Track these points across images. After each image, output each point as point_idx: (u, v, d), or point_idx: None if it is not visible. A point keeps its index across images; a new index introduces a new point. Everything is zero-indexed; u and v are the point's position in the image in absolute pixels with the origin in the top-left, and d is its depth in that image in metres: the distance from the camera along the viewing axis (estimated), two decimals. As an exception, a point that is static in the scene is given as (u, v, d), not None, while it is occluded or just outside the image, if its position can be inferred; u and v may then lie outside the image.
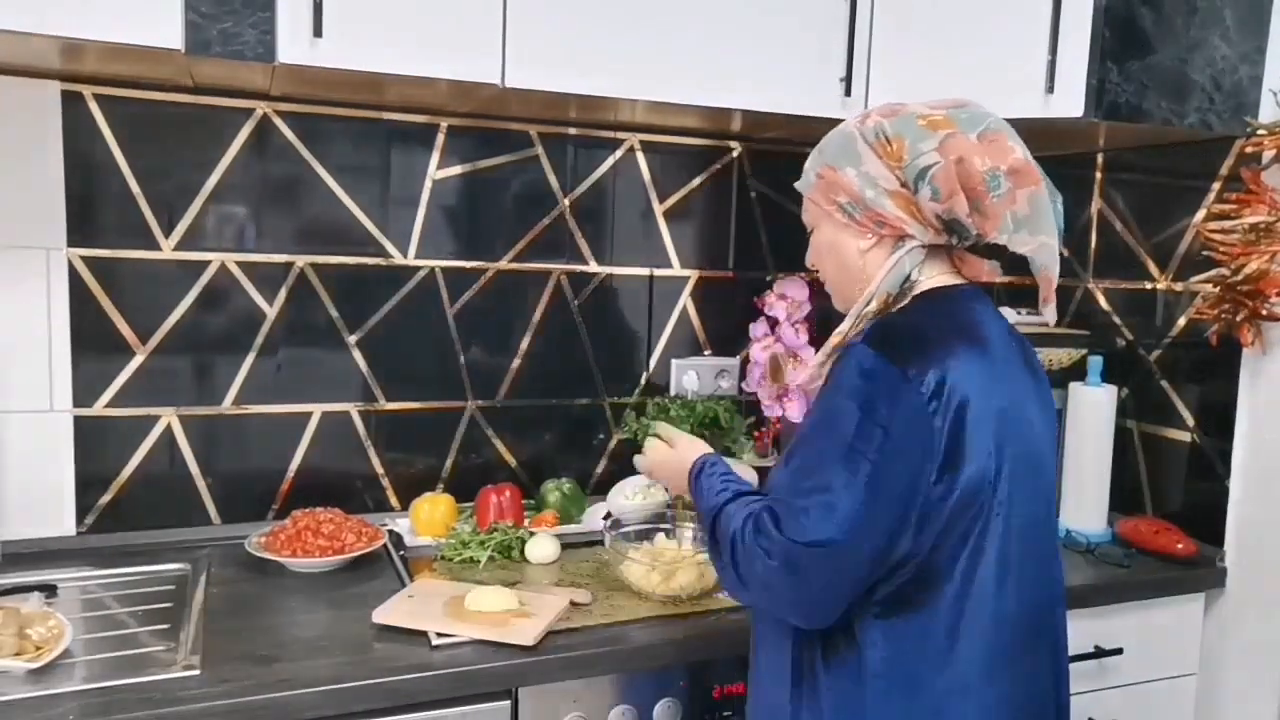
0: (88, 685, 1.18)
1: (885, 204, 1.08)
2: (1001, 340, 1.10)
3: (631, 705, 1.37)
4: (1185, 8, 1.70)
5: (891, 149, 1.07)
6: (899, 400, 0.99)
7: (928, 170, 1.05)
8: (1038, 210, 1.06)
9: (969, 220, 1.06)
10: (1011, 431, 1.04)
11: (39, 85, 1.61)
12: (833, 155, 1.13)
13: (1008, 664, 1.05)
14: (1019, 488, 1.04)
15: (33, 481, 1.66)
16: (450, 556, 1.64)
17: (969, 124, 1.07)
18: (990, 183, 1.04)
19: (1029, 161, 1.07)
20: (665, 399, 2.01)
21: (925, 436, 0.99)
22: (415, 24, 1.47)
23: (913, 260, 1.10)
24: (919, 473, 0.99)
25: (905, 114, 1.09)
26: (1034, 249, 1.06)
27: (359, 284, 1.86)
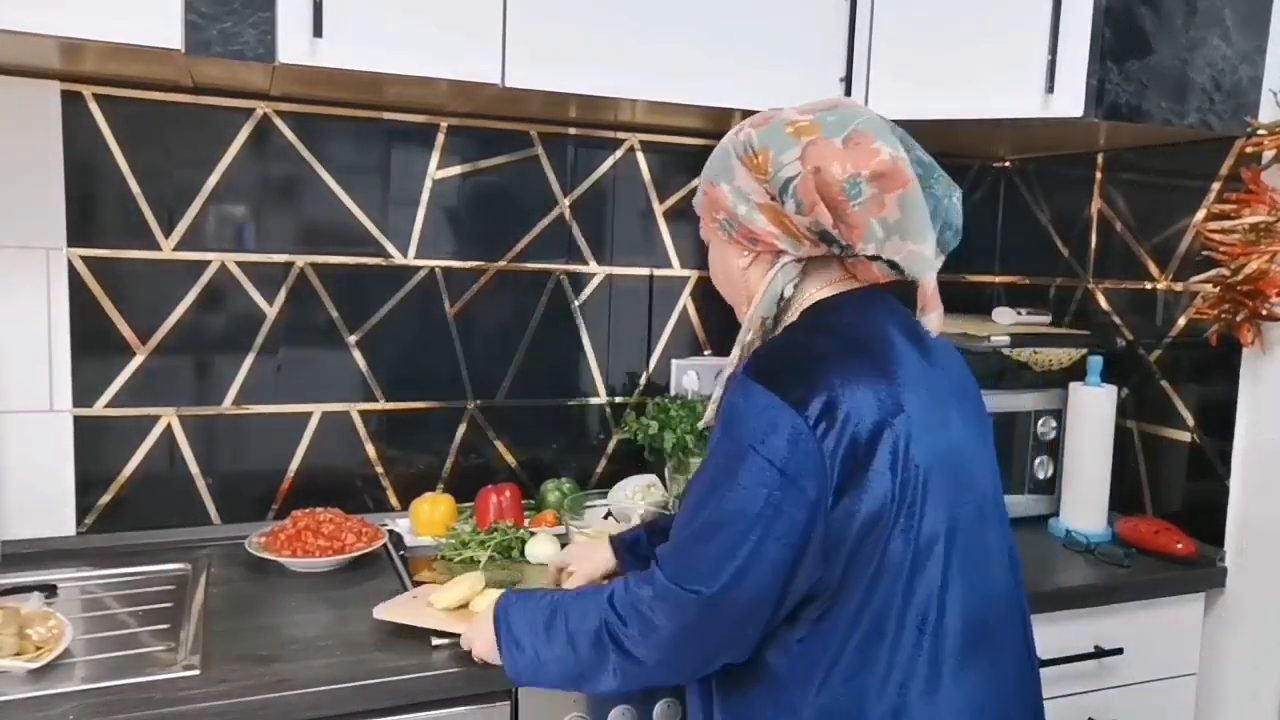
0: (88, 685, 1.17)
1: (756, 219, 1.05)
2: (905, 344, 1.05)
3: (631, 705, 1.37)
4: (1185, 8, 1.70)
5: (758, 161, 1.03)
6: (782, 432, 0.95)
7: (790, 181, 1.01)
8: (909, 213, 0.99)
9: (835, 230, 1.01)
10: (920, 442, 0.98)
11: (39, 85, 1.61)
12: (712, 171, 1.10)
13: (956, 670, 1.00)
14: (941, 498, 0.99)
15: (33, 481, 1.66)
16: (450, 556, 1.64)
17: (835, 128, 1.01)
18: (850, 190, 0.98)
19: (896, 162, 0.99)
20: (665, 399, 2.01)
21: (816, 466, 0.95)
22: (415, 24, 1.47)
23: (785, 276, 1.06)
24: (815, 505, 0.96)
25: (775, 122, 1.05)
26: (904, 257, 1.00)
27: (359, 284, 1.86)
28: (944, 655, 0.99)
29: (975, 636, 1.02)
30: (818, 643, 1.00)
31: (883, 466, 0.96)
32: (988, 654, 1.03)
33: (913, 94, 1.73)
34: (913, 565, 0.98)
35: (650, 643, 1.03)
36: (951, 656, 0.99)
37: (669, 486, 1.90)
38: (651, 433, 1.89)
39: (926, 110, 1.69)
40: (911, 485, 0.98)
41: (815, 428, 0.95)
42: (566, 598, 1.14)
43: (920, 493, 0.98)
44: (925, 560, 0.98)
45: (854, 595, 0.98)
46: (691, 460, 1.87)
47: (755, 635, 1.01)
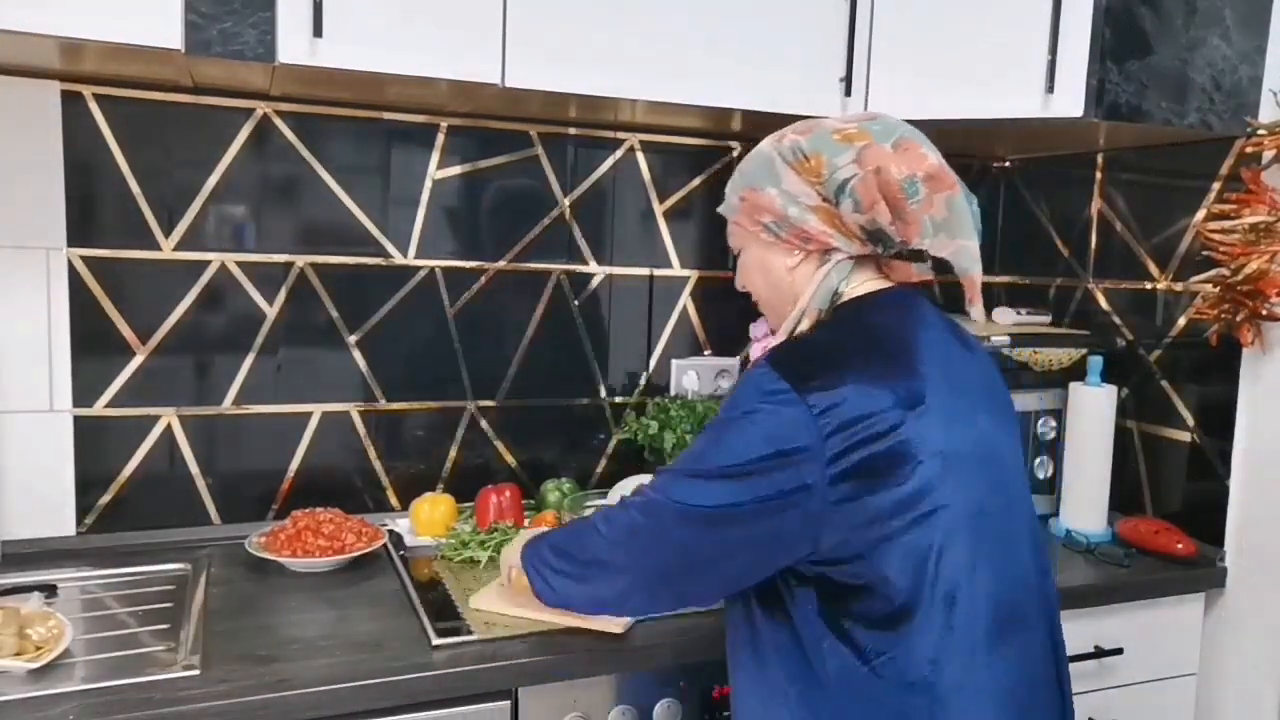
0: (88, 685, 1.17)
1: (809, 219, 1.11)
2: (933, 340, 1.10)
3: (631, 705, 1.37)
4: (1185, 8, 1.70)
5: (810, 165, 1.10)
6: (785, 415, 1.01)
7: (847, 182, 1.07)
8: (955, 214, 1.08)
9: (891, 228, 1.08)
10: (942, 435, 1.03)
11: (39, 85, 1.61)
12: (753, 176, 1.15)
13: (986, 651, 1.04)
14: (961, 487, 1.04)
15: (33, 481, 1.66)
16: (450, 556, 1.64)
17: (882, 135, 1.09)
18: (908, 189, 1.06)
19: (943, 167, 1.09)
20: (665, 399, 2.01)
21: (813, 448, 0.99)
22: (415, 24, 1.47)
23: (840, 273, 1.12)
24: (804, 484, 1.00)
25: (820, 130, 1.12)
26: (953, 252, 1.08)
27: (359, 284, 1.86)
28: (975, 637, 1.03)
29: (1004, 621, 1.06)
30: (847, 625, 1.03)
31: (899, 459, 1.00)
32: (1016, 639, 1.07)
33: (913, 94, 1.73)
34: (940, 550, 1.02)
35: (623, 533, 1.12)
36: (982, 638, 1.04)
37: (669, 486, 1.90)
38: (651, 433, 1.89)
39: (926, 110, 1.69)
40: (933, 474, 1.02)
41: (818, 416, 0.99)
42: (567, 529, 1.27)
43: (943, 481, 1.02)
44: (951, 546, 1.03)
45: (879, 578, 1.02)
46: (691, 460, 1.87)
47: (724, 580, 1.10)
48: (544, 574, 1.22)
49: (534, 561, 1.24)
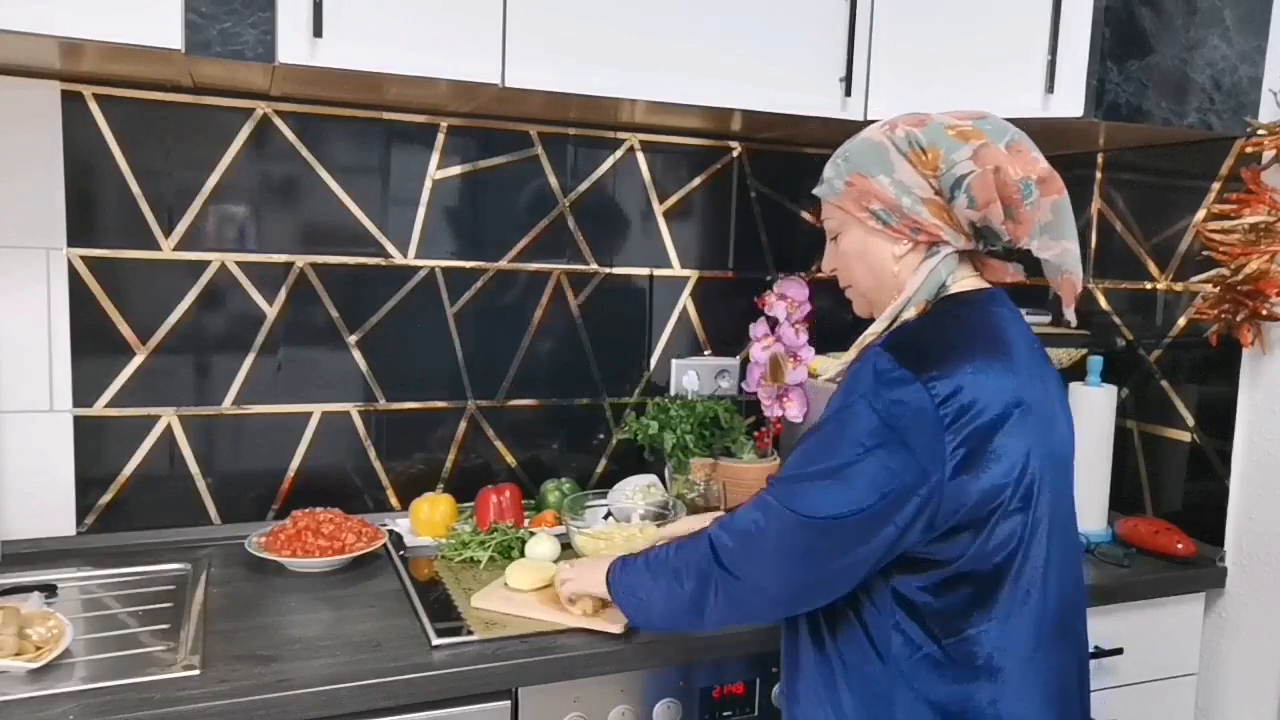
0: (88, 685, 1.18)
1: (921, 211, 1.11)
2: (1024, 343, 1.12)
3: (631, 705, 1.37)
4: (1185, 8, 1.70)
5: (926, 158, 1.10)
6: (908, 401, 1.01)
7: (964, 179, 1.08)
8: (1060, 217, 1.10)
9: (1002, 227, 1.09)
10: (1037, 434, 1.06)
11: (39, 85, 1.61)
12: (862, 163, 1.14)
13: (1046, 644, 1.08)
14: (1047, 487, 1.07)
15: (33, 481, 1.66)
16: (450, 556, 1.64)
17: (995, 135, 1.10)
18: (1024, 190, 1.07)
19: (1052, 171, 1.10)
20: (665, 399, 2.01)
21: (932, 437, 1.01)
22: (415, 24, 1.47)
23: (948, 267, 1.13)
24: (924, 471, 1.01)
25: (933, 124, 1.12)
26: (1057, 254, 1.10)
27: (359, 284, 1.86)
28: (1041, 633, 1.07)
29: (1062, 623, 1.10)
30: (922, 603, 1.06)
31: (1004, 451, 1.03)
32: (1067, 639, 1.12)
33: (913, 94, 1.72)
34: (1026, 544, 1.05)
35: (752, 554, 1.10)
36: (1046, 635, 1.08)
37: (669, 486, 1.90)
38: (651, 433, 1.89)
39: (926, 110, 1.69)
40: (1029, 471, 1.04)
41: (939, 405, 1.01)
42: (672, 544, 1.23)
43: (1035, 480, 1.05)
44: (1034, 541, 1.06)
45: (966, 563, 1.04)
46: (692, 460, 1.87)
47: (851, 577, 1.07)
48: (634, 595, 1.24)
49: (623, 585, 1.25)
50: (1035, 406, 1.06)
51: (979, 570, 1.04)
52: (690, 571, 1.16)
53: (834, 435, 1.06)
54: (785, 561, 1.08)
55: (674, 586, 1.18)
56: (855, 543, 1.04)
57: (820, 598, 1.10)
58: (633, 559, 1.28)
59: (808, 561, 1.06)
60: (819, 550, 1.06)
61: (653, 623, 1.25)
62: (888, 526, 1.03)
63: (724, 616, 1.16)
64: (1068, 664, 1.13)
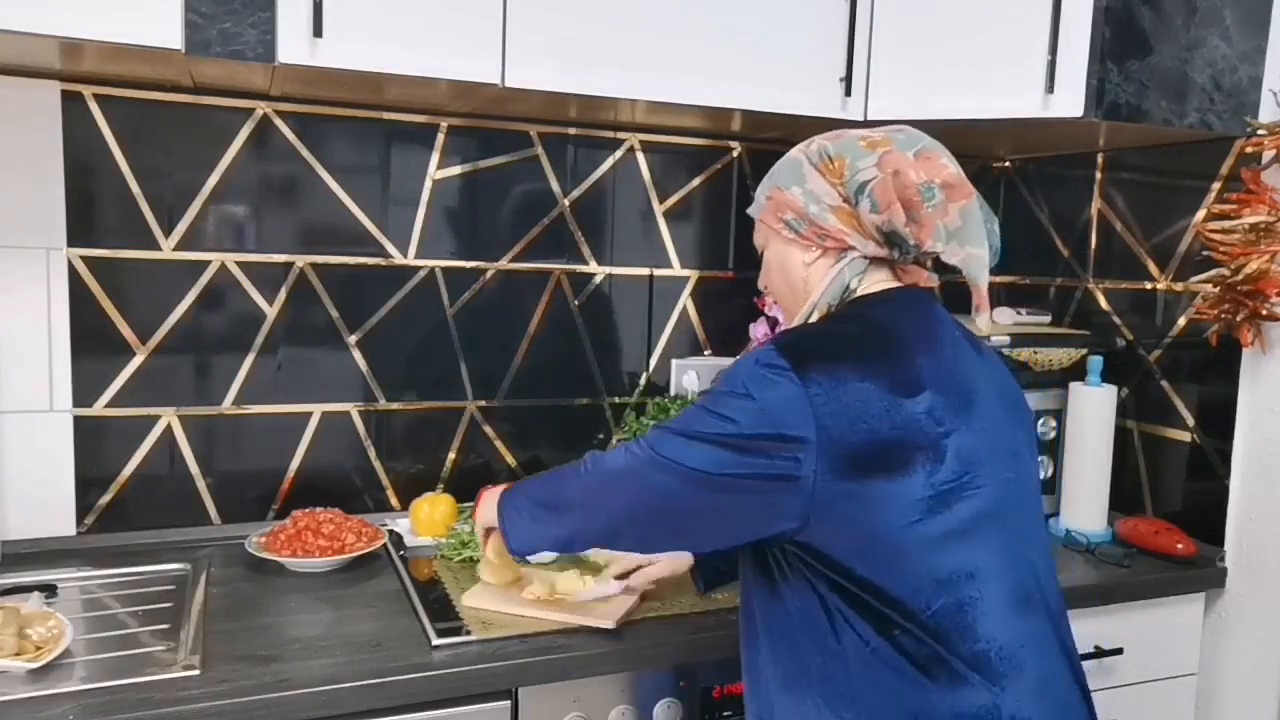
0: (88, 685, 1.17)
1: (828, 218, 1.14)
2: (937, 337, 1.12)
3: (631, 705, 1.37)
4: (1185, 8, 1.70)
5: (833, 166, 1.14)
6: (782, 392, 1.02)
7: (867, 184, 1.11)
8: (968, 223, 1.11)
9: (906, 230, 1.11)
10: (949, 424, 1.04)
11: (39, 85, 1.61)
12: (780, 178, 1.19)
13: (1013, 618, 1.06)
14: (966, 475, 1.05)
15: (33, 481, 1.66)
16: (450, 556, 1.64)
17: (905, 144, 1.13)
18: (925, 193, 1.09)
19: (962, 178, 1.12)
20: (665, 399, 2.01)
21: (803, 431, 1.01)
22: (415, 24, 1.47)
23: (853, 270, 1.15)
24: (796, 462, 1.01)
25: (847, 137, 1.16)
26: (962, 259, 1.12)
27: (359, 284, 1.86)
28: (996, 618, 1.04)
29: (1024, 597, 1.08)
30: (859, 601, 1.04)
31: (897, 446, 1.02)
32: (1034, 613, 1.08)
33: (913, 94, 1.73)
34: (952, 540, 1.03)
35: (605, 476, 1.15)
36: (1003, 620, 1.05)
37: (669, 486, 1.90)
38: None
39: (926, 110, 1.69)
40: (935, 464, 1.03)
41: (815, 398, 1.01)
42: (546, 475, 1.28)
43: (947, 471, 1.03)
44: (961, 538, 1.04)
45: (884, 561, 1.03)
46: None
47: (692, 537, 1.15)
48: (519, 522, 1.24)
49: (510, 512, 1.26)
50: (944, 399, 1.05)
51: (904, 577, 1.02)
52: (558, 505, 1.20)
53: (713, 410, 1.07)
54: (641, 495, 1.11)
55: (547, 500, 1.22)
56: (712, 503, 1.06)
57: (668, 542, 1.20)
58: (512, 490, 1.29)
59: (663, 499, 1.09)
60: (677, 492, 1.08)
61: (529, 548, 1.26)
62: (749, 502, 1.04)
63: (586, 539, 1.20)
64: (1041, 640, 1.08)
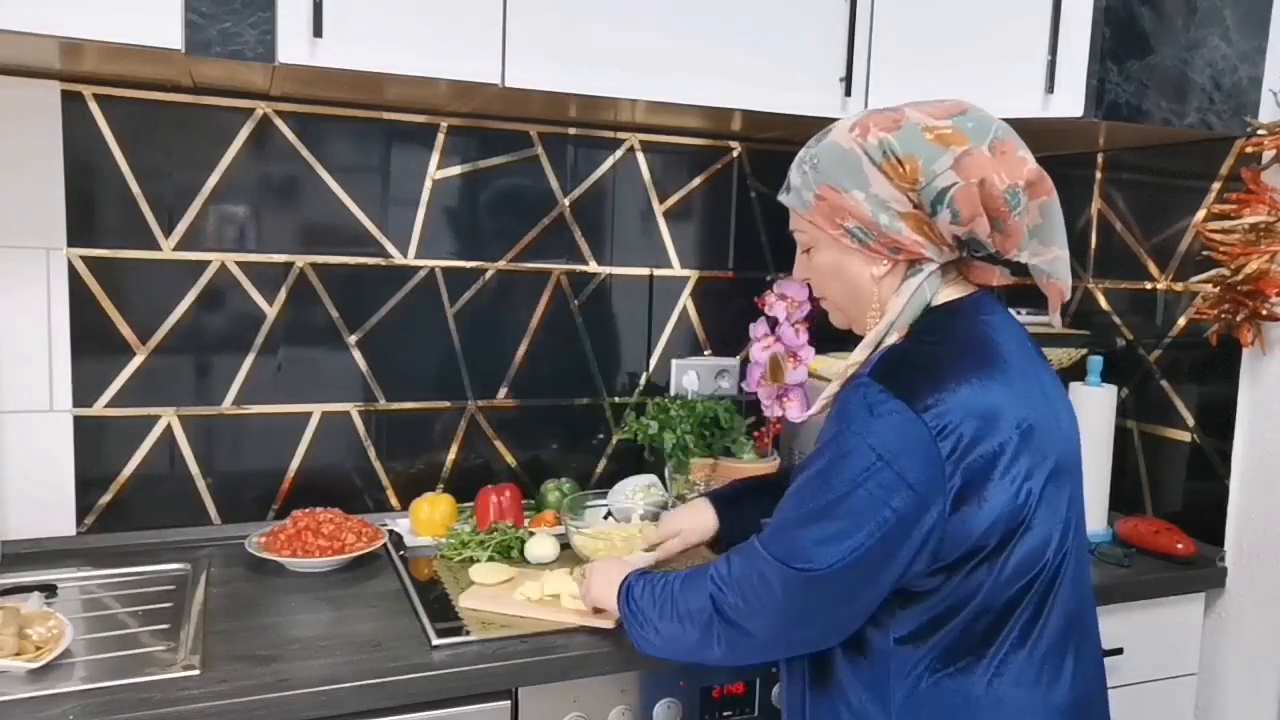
0: (88, 685, 1.18)
1: (900, 229, 1.04)
2: (1018, 347, 1.07)
3: (631, 705, 1.37)
4: (1185, 8, 1.70)
5: (904, 170, 1.02)
6: (904, 435, 0.96)
7: (946, 192, 1.01)
8: (1050, 221, 1.04)
9: (989, 239, 1.03)
10: (1041, 448, 1.01)
11: (39, 85, 1.61)
12: (833, 174, 1.07)
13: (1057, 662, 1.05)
14: (1056, 495, 1.03)
15: (33, 481, 1.66)
16: (450, 556, 1.64)
17: (977, 135, 1.02)
18: (1011, 201, 1.00)
19: (1041, 171, 1.03)
20: (665, 399, 2.01)
21: (934, 471, 0.96)
22: (415, 24, 1.47)
23: (933, 285, 1.07)
24: (927, 507, 0.97)
25: (909, 127, 1.03)
26: (1049, 260, 1.04)
27: (359, 284, 1.86)
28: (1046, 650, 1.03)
29: (1072, 630, 1.06)
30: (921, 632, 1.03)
31: (1005, 475, 0.98)
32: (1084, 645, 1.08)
33: (913, 94, 1.72)
34: (1032, 567, 1.02)
35: (753, 612, 1.06)
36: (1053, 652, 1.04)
37: (669, 486, 1.90)
38: (651, 433, 1.89)
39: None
40: (1033, 492, 1.00)
41: (937, 436, 0.96)
42: (678, 577, 1.18)
43: (1040, 498, 1.01)
44: (1041, 561, 1.02)
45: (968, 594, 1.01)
46: (692, 460, 1.87)
47: (855, 620, 1.04)
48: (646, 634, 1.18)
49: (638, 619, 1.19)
50: (1036, 419, 1.02)
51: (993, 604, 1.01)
52: (694, 619, 1.11)
53: (828, 472, 1.00)
54: (789, 615, 1.04)
55: (679, 630, 1.14)
56: (860, 587, 1.00)
57: (827, 642, 1.07)
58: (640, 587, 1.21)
59: (813, 613, 1.03)
60: (824, 601, 1.02)
61: (661, 655, 1.19)
62: (891, 564, 0.99)
63: (729, 661, 1.12)
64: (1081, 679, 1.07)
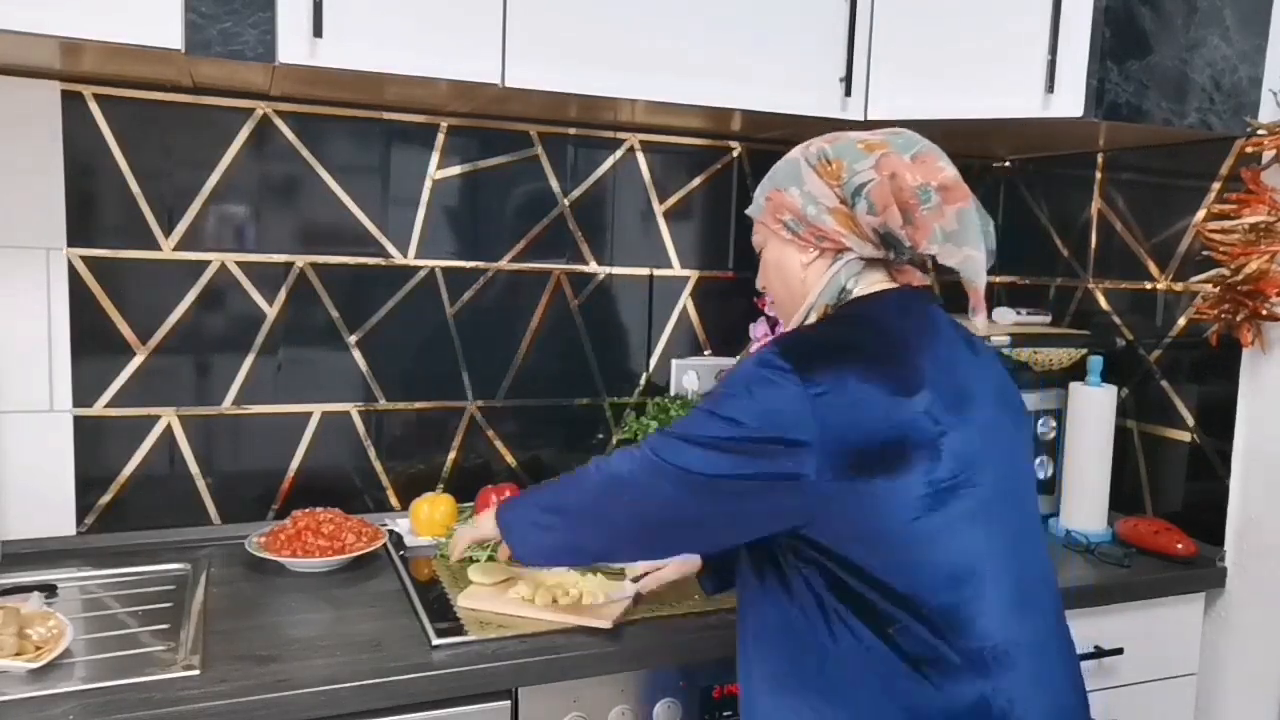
0: (88, 685, 1.17)
1: (825, 219, 1.15)
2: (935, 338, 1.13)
3: (631, 705, 1.37)
4: (1185, 7, 1.70)
5: (831, 168, 1.14)
6: (786, 395, 1.03)
7: (864, 186, 1.11)
8: (965, 225, 1.12)
9: (902, 232, 1.12)
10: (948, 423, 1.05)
11: (39, 85, 1.61)
12: (779, 179, 1.20)
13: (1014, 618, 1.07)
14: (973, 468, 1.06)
15: (33, 481, 1.66)
16: (450, 556, 1.63)
17: (903, 146, 1.13)
18: (921, 196, 1.10)
19: (959, 180, 1.13)
20: (665, 399, 2.01)
21: (808, 432, 1.01)
22: (415, 24, 1.47)
23: (849, 272, 1.16)
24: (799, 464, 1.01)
25: (845, 139, 1.16)
26: (959, 261, 1.12)
27: (359, 284, 1.86)
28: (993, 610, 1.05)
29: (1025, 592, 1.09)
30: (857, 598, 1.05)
31: (899, 445, 1.03)
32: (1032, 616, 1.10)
33: (913, 94, 1.73)
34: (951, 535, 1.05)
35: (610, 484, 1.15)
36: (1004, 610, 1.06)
37: (669, 486, 1.90)
38: (651, 433, 1.88)
39: (926, 110, 1.69)
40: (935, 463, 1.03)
41: (816, 399, 1.02)
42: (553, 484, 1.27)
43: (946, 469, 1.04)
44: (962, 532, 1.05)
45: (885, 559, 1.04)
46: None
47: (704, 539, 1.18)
48: (525, 531, 1.24)
49: (514, 522, 1.25)
50: (942, 398, 1.06)
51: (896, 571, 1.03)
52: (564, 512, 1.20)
53: (714, 412, 1.07)
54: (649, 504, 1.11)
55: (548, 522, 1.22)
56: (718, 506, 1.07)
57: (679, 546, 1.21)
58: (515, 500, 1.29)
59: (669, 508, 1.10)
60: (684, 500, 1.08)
61: (538, 559, 1.28)
62: (755, 504, 1.05)
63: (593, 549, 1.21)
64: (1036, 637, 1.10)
